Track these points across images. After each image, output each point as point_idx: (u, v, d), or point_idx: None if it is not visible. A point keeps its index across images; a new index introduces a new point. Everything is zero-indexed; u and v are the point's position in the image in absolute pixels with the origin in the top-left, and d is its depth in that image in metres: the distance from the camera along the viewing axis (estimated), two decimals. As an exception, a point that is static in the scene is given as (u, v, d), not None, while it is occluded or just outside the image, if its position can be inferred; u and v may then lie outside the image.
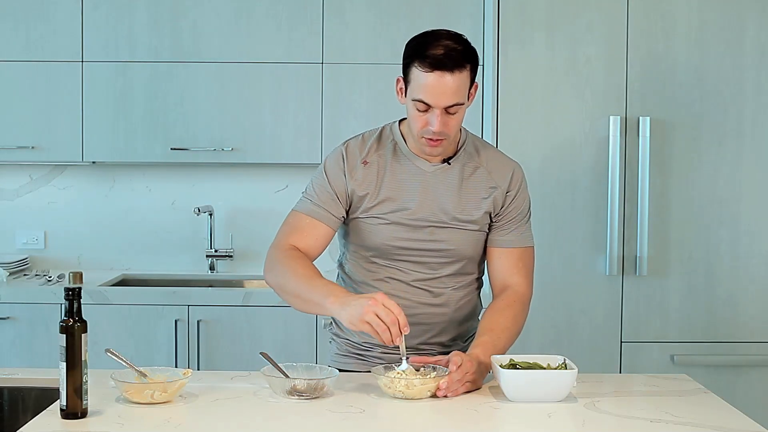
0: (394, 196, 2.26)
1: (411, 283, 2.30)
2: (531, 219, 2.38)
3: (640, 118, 3.48)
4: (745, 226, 3.53)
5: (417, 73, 2.13)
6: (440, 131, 2.15)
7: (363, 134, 2.34)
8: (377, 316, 2.00)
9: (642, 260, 3.48)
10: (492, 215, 2.30)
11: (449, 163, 2.28)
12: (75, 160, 3.89)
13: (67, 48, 3.82)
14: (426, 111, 2.15)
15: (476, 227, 2.29)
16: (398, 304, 2.04)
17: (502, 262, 2.32)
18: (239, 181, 4.18)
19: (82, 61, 3.83)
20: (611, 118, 3.48)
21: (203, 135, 3.85)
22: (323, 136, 3.83)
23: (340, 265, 2.43)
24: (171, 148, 3.85)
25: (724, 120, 3.51)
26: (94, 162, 3.97)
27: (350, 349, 2.39)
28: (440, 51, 2.11)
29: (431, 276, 2.31)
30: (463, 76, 2.13)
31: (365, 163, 2.28)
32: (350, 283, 2.37)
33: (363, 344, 2.36)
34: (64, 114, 3.84)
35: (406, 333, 2.02)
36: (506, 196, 2.30)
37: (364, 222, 2.28)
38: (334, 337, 2.45)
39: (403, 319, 2.01)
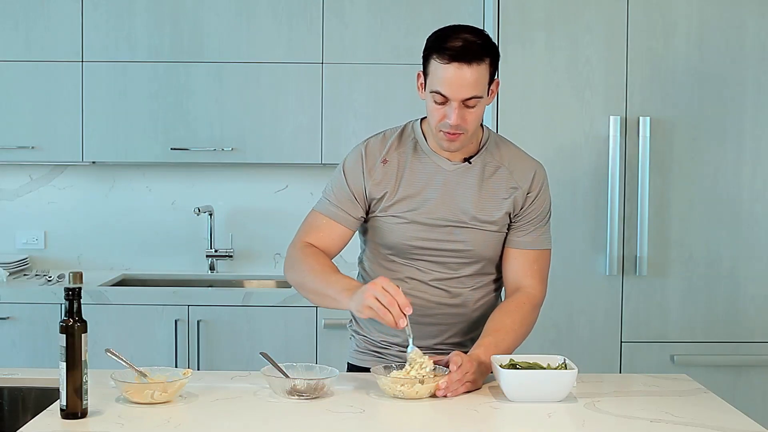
0: (413, 194, 2.25)
1: (429, 282, 2.29)
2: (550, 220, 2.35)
3: (640, 118, 3.48)
4: (745, 226, 3.53)
5: (435, 65, 2.12)
6: (457, 124, 2.13)
7: (385, 132, 2.33)
8: (377, 299, 2.00)
9: (642, 260, 3.48)
10: (511, 216, 2.28)
11: (470, 162, 2.27)
12: (75, 160, 3.89)
13: (67, 48, 3.82)
14: (444, 104, 2.13)
15: (496, 228, 2.27)
16: (398, 287, 2.03)
17: (518, 264, 2.30)
18: (239, 181, 4.18)
19: (82, 61, 3.83)
20: (611, 118, 3.48)
21: (203, 135, 3.85)
22: (323, 136, 3.83)
23: (360, 263, 2.43)
24: (171, 148, 3.85)
25: (724, 120, 3.51)
26: (94, 162, 3.97)
27: (369, 346, 2.39)
28: (459, 43, 2.10)
29: (450, 276, 2.30)
30: (482, 69, 2.11)
31: (385, 161, 2.26)
32: (369, 281, 2.35)
33: (381, 342, 2.36)
34: (64, 114, 3.84)
35: (408, 313, 2.01)
36: (527, 197, 2.28)
37: (383, 221, 2.27)
38: (354, 334, 2.45)
39: (402, 300, 2.00)
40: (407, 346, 2.10)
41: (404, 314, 2.01)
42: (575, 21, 3.49)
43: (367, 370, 2.33)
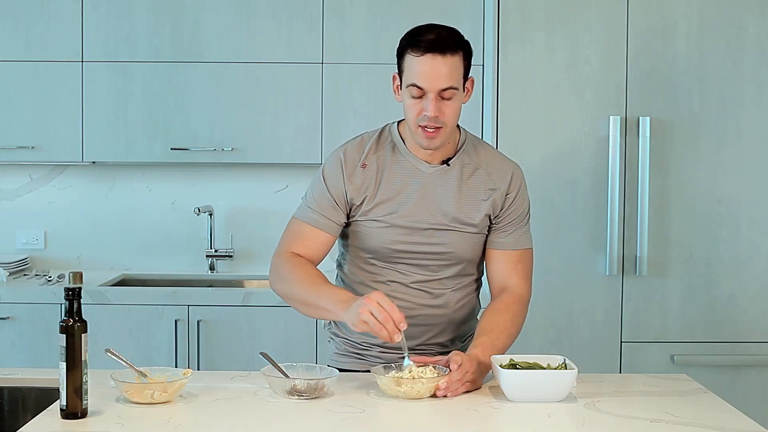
0: (392, 197, 2.26)
1: (410, 285, 2.30)
2: (531, 220, 2.37)
3: (640, 118, 3.48)
4: (745, 226, 3.53)
5: (410, 59, 2.15)
6: (435, 117, 2.14)
7: (363, 135, 2.34)
8: (372, 314, 2.01)
9: (642, 260, 3.48)
10: (491, 217, 2.29)
11: (448, 165, 2.28)
12: (75, 160, 3.89)
13: (67, 48, 3.82)
14: (420, 98, 2.15)
15: (476, 230, 2.28)
16: (393, 303, 2.04)
17: (501, 265, 2.32)
18: (239, 181, 4.18)
19: (82, 61, 3.83)
20: (611, 118, 3.48)
21: (203, 135, 3.85)
22: (323, 136, 3.83)
23: (339, 265, 2.43)
24: (171, 148, 3.85)
25: (724, 120, 3.51)
26: (94, 162, 3.97)
27: (349, 348, 2.39)
28: (432, 36, 2.14)
29: (431, 278, 2.30)
30: (456, 60, 2.14)
31: (364, 165, 2.27)
32: (348, 284, 2.37)
33: (361, 344, 2.36)
34: (64, 114, 3.83)
35: (403, 329, 2.02)
36: (506, 198, 2.29)
37: (363, 225, 2.28)
38: (333, 337, 2.45)
39: (397, 316, 2.02)
40: (403, 358, 2.10)
41: (399, 330, 2.02)
42: (575, 21, 3.49)
43: (350, 372, 2.33)
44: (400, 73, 2.19)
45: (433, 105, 2.13)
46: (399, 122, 2.33)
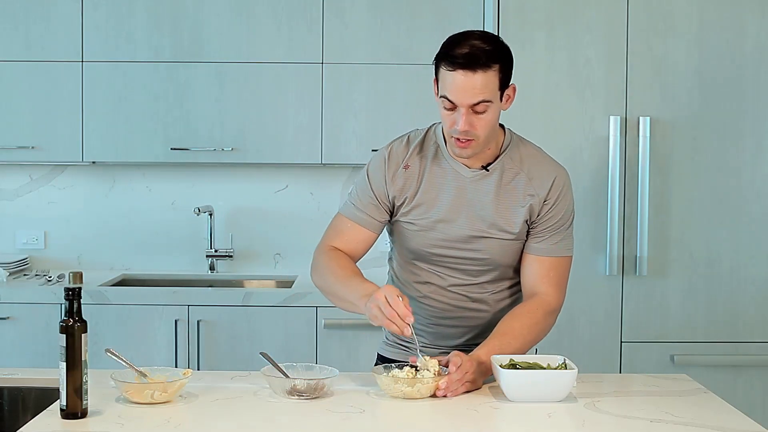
0: (430, 201, 2.24)
1: (447, 288, 2.30)
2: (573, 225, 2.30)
3: (640, 118, 3.48)
4: (746, 226, 3.53)
5: (443, 72, 2.12)
6: (466, 131, 2.12)
7: (409, 135, 2.32)
8: (380, 309, 2.02)
9: (642, 260, 3.48)
10: (528, 222, 2.26)
11: (488, 170, 2.25)
12: (75, 160, 3.89)
13: (67, 48, 3.82)
14: (453, 110, 2.12)
15: (514, 237, 2.25)
16: (399, 299, 2.04)
17: (533, 270, 2.28)
18: (239, 181, 4.18)
19: (82, 61, 3.83)
20: (611, 118, 3.48)
21: (203, 135, 3.85)
22: (323, 136, 3.83)
23: (389, 260, 2.44)
24: (171, 148, 3.85)
25: (724, 120, 3.51)
26: (94, 162, 3.97)
27: (397, 339, 2.41)
28: (465, 50, 2.08)
29: (469, 282, 2.29)
30: (489, 75, 2.09)
31: (407, 167, 2.26)
32: (396, 281, 2.38)
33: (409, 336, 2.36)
34: (64, 114, 3.84)
35: (409, 322, 2.02)
36: (543, 204, 2.24)
37: (403, 226, 2.28)
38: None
39: (401, 311, 2.02)
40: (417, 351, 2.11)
41: (406, 324, 2.02)
42: (575, 21, 3.49)
43: (395, 362, 2.32)
44: (436, 80, 2.16)
45: (464, 119, 2.11)
46: None
